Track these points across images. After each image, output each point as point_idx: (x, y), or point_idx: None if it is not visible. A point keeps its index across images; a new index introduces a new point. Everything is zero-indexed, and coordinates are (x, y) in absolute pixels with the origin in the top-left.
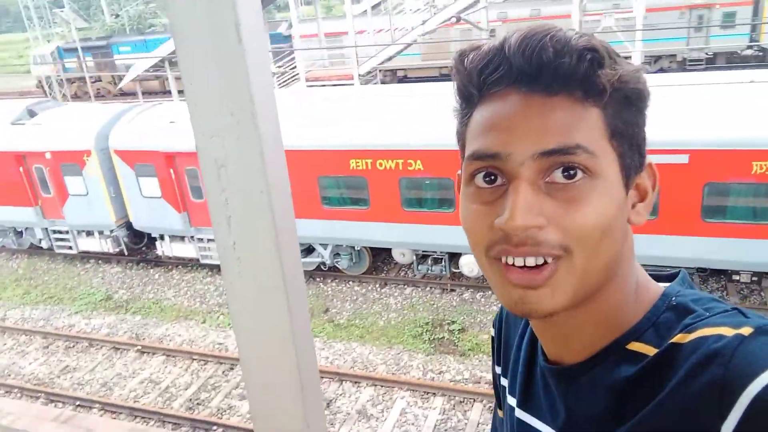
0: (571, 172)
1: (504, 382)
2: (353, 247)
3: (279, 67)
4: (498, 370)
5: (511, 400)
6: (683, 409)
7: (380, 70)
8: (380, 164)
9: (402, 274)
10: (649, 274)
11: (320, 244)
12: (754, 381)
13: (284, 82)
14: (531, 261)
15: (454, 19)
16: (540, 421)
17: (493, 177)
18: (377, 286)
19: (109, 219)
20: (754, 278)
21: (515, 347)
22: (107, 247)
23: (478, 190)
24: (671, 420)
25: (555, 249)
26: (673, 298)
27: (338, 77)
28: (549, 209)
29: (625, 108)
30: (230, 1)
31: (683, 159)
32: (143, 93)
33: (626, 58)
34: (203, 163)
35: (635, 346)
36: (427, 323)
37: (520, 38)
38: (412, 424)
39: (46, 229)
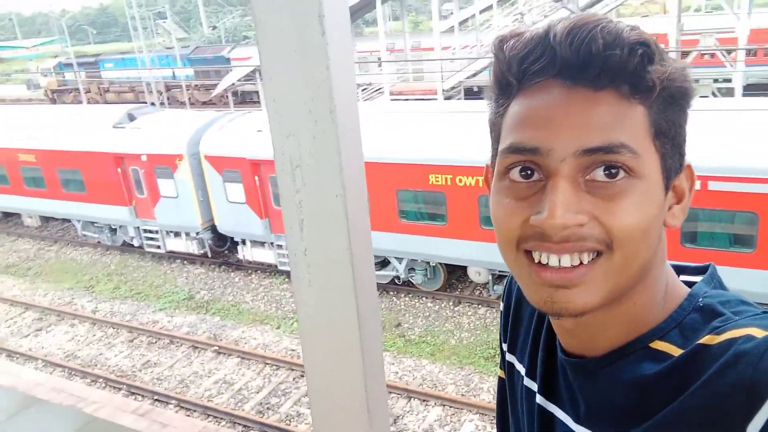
0: (613, 171)
1: (511, 359)
2: (428, 263)
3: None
4: (504, 346)
5: (530, 384)
6: (708, 407)
7: (464, 86)
8: (460, 180)
9: (477, 293)
10: (677, 265)
11: (395, 258)
12: None
13: (368, 95)
14: (567, 260)
15: None
16: (562, 411)
17: (529, 172)
18: (451, 303)
19: (196, 221)
20: None
21: (530, 329)
22: (192, 248)
23: (512, 184)
24: (695, 418)
25: (598, 244)
26: (700, 299)
27: (422, 92)
28: (589, 206)
29: (669, 106)
30: None
31: None
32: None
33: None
34: (278, 163)
35: (659, 345)
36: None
37: (568, 27)
38: None
39: (138, 227)
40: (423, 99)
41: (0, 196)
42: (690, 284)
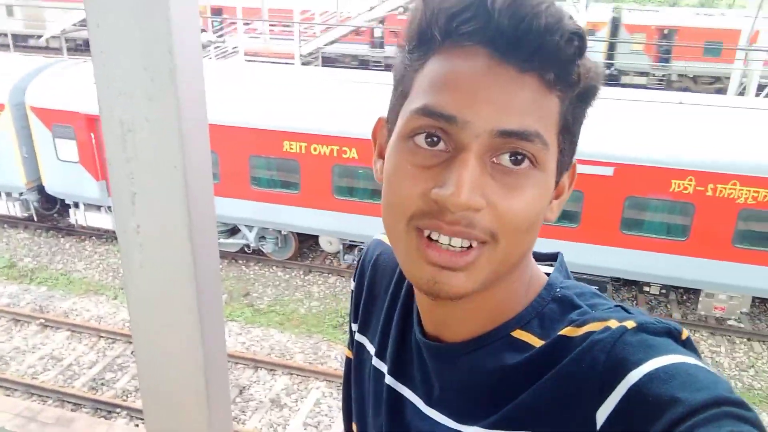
0: (519, 158)
1: (361, 339)
2: (280, 232)
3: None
4: (354, 327)
5: (379, 365)
6: (562, 391)
7: (321, 54)
8: (314, 149)
9: (327, 262)
10: None
11: (246, 226)
12: (633, 371)
13: (222, 54)
14: (457, 242)
15: (402, 9)
16: (413, 393)
17: (435, 139)
18: (301, 272)
19: (20, 181)
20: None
21: (383, 308)
22: (15, 210)
23: (416, 148)
24: (550, 402)
25: (484, 234)
26: (557, 290)
27: (278, 55)
28: (489, 192)
29: (579, 104)
30: None
31: None
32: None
33: None
34: (106, 126)
35: (520, 334)
36: (348, 314)
37: None
38: (326, 414)
39: None
40: (279, 62)
41: None
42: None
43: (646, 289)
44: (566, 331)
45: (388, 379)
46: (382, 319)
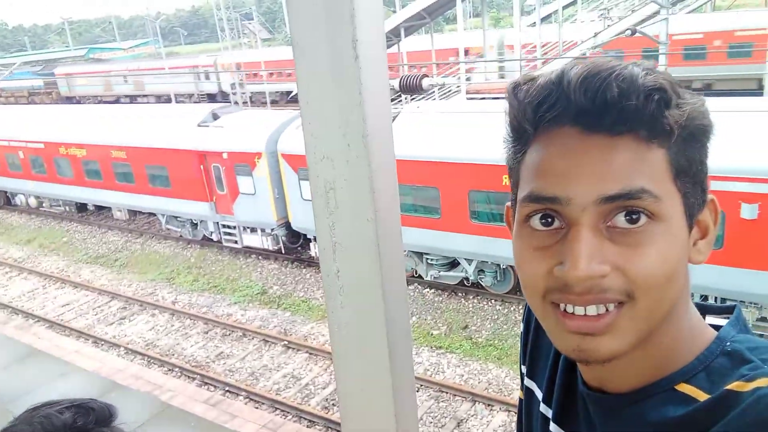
0: (634, 216)
1: (530, 384)
2: (498, 265)
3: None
4: (524, 369)
5: (546, 410)
6: None
7: None
8: None
9: None
10: (702, 305)
11: (465, 259)
12: None
13: (444, 93)
14: (592, 310)
15: (629, 32)
16: None
17: (550, 219)
18: (520, 307)
19: (272, 218)
20: None
21: (550, 356)
22: (267, 244)
23: (533, 232)
24: None
25: (620, 295)
26: (728, 344)
27: (499, 90)
28: (612, 255)
29: (689, 145)
30: (349, 16)
31: None
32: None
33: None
34: (313, 184)
35: (685, 388)
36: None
37: (582, 75)
38: None
39: (217, 223)
40: (500, 97)
41: (91, 190)
42: (716, 326)
43: None
44: (734, 385)
45: (553, 427)
46: (549, 366)
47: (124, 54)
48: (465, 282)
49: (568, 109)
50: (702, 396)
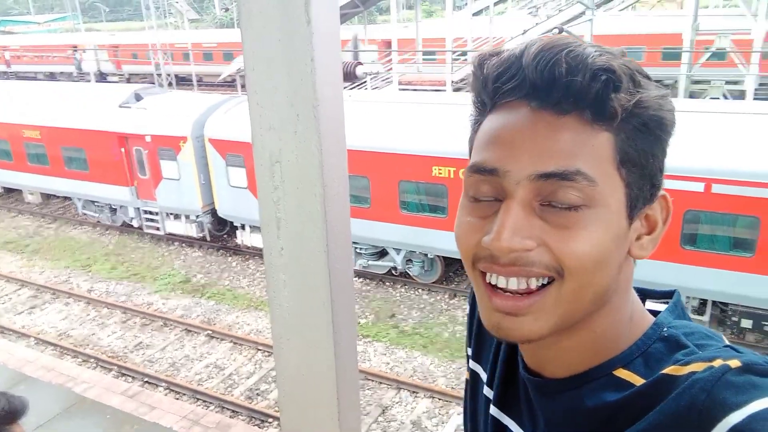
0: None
1: (475, 366)
2: (426, 255)
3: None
4: (469, 351)
5: (489, 393)
6: (663, 428)
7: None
8: (462, 173)
9: None
10: (643, 290)
11: (393, 249)
12: (735, 412)
13: (376, 85)
14: (514, 283)
15: (556, 30)
16: (517, 425)
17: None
18: (446, 296)
19: (197, 204)
20: None
21: (494, 338)
22: (191, 231)
23: (474, 202)
24: None
25: (546, 270)
26: (665, 329)
27: (431, 83)
28: (539, 231)
29: (641, 135)
30: None
31: None
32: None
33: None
34: (257, 157)
35: (622, 373)
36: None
37: (537, 50)
38: None
39: (139, 208)
40: (431, 90)
41: (1, 171)
42: (654, 312)
43: None
44: (670, 369)
45: (493, 410)
46: (492, 348)
47: (39, 28)
48: (393, 271)
49: (522, 82)
50: (638, 381)
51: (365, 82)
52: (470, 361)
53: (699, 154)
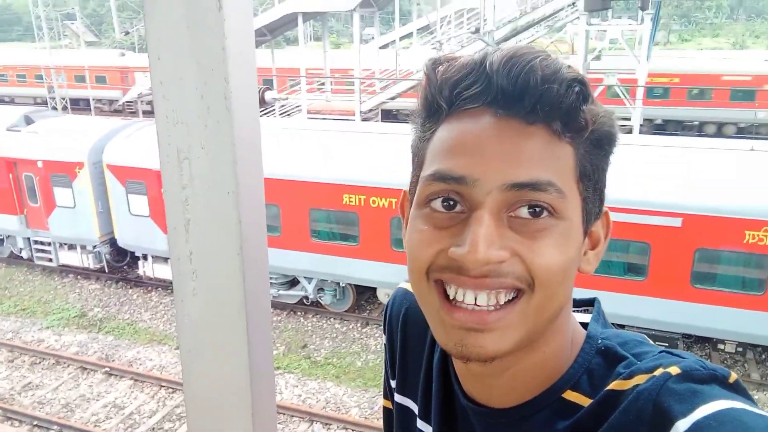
0: (537, 209)
1: (402, 400)
2: (338, 284)
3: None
4: (392, 383)
5: (425, 427)
6: None
7: (381, 110)
8: (373, 201)
9: None
10: None
11: (305, 278)
12: (681, 420)
13: (285, 112)
14: (483, 299)
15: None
16: None
17: (452, 203)
18: (359, 325)
19: (94, 234)
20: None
21: (422, 366)
22: (88, 262)
23: (432, 212)
24: None
25: (519, 281)
26: (600, 341)
27: (339, 112)
28: (511, 242)
29: (595, 150)
30: None
31: None
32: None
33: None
34: (163, 154)
35: (571, 395)
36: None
37: (507, 56)
38: None
39: (29, 238)
40: (340, 119)
41: None
42: (582, 323)
43: (720, 346)
44: (614, 385)
45: None
46: (422, 378)
47: None
48: (305, 301)
49: (487, 89)
50: (586, 401)
51: (273, 108)
52: (395, 395)
53: None
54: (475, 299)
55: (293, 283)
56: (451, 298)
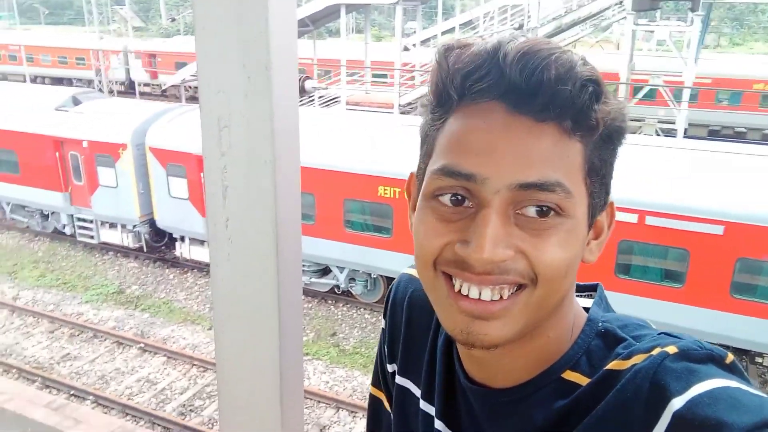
0: (545, 209)
1: (403, 381)
2: (369, 274)
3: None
4: (390, 368)
5: (428, 408)
6: (612, 420)
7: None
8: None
9: None
10: None
11: (337, 267)
12: (677, 397)
13: (324, 102)
14: (487, 294)
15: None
16: None
17: (460, 197)
18: None
19: (134, 214)
20: None
21: (425, 349)
22: (128, 241)
23: (441, 206)
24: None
25: (521, 278)
26: (600, 324)
27: (378, 104)
28: (517, 240)
29: (605, 145)
30: None
31: None
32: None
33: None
34: (204, 121)
35: (570, 375)
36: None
37: (521, 51)
38: None
39: (72, 215)
40: (379, 111)
41: None
42: (584, 307)
43: (759, 360)
44: (613, 365)
45: (438, 424)
46: (426, 360)
47: None
48: (336, 290)
49: (499, 83)
50: (585, 381)
51: (312, 98)
52: (397, 377)
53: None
54: (479, 294)
55: (325, 271)
56: (456, 289)
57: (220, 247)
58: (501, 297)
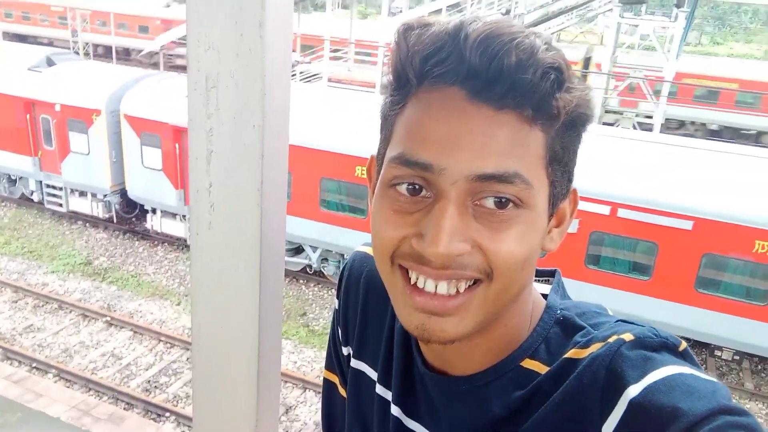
0: (503, 200)
1: (358, 365)
2: (342, 255)
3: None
4: (345, 350)
5: (384, 393)
6: (569, 410)
7: None
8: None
9: None
10: None
11: (310, 246)
12: (633, 385)
13: (305, 78)
14: (443, 288)
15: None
16: (420, 426)
17: (417, 187)
18: None
19: (106, 183)
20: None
21: (382, 333)
22: (98, 210)
23: (398, 196)
24: (558, 422)
25: (478, 273)
26: (558, 312)
27: (360, 83)
28: (474, 233)
29: (567, 133)
30: None
31: None
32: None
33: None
34: (191, 80)
35: (529, 363)
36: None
37: (482, 34)
38: None
39: (41, 182)
40: (360, 90)
41: None
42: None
43: (717, 353)
44: (571, 353)
45: (395, 410)
46: (383, 343)
47: None
48: (307, 269)
49: (459, 68)
50: (543, 369)
51: (294, 73)
52: (352, 360)
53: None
54: (436, 287)
55: (298, 250)
56: (412, 282)
57: (202, 215)
58: (457, 291)
